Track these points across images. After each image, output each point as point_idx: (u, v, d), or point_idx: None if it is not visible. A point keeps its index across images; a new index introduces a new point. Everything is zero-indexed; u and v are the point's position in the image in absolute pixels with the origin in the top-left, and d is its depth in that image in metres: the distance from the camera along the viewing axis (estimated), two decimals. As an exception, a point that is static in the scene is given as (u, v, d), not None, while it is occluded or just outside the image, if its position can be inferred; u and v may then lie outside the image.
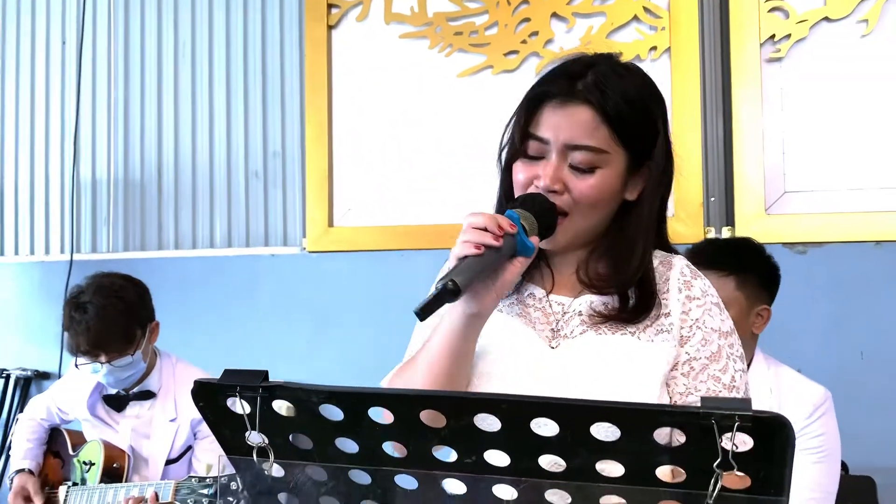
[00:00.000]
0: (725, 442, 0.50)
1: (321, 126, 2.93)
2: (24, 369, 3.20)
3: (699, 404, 0.52)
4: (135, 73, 3.21)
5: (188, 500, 1.68)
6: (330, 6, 2.92)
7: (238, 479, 1.50)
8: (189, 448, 2.02)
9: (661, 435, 0.52)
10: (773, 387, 1.69)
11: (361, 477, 0.64)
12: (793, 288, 2.46)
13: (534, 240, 0.94)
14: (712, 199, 2.61)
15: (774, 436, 0.51)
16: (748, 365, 1.71)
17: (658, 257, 1.06)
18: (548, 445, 0.54)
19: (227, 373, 0.63)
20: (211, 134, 3.12)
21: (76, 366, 1.99)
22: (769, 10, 2.54)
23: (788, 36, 2.53)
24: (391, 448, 0.61)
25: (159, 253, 3.15)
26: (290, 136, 3.02)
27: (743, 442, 0.51)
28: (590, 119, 0.99)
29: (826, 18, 2.50)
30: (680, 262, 1.06)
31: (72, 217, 3.22)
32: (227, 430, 0.64)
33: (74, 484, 1.98)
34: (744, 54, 2.56)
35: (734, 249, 1.78)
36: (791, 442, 0.51)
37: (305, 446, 0.64)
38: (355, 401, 0.59)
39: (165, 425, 1.99)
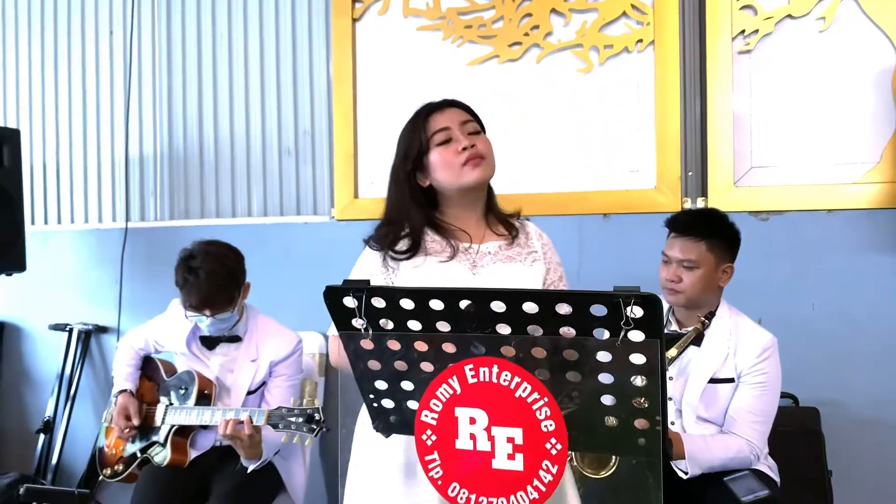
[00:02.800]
0: (628, 310, 0.90)
1: (347, 108, 3.26)
2: (84, 324, 3.56)
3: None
4: (177, 61, 3.53)
5: (279, 425, 2.01)
6: (354, 1, 3.24)
7: (319, 412, 1.91)
8: (264, 384, 2.38)
9: (596, 309, 0.91)
10: (732, 330, 2.06)
11: (421, 346, 1.04)
12: (757, 250, 2.84)
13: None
14: (690, 173, 2.93)
15: (654, 306, 0.90)
16: (714, 312, 2.10)
17: (517, 220, 1.69)
18: (530, 319, 0.94)
19: (345, 282, 1.03)
20: (247, 115, 3.44)
21: (186, 317, 2.32)
22: (740, 8, 2.86)
23: (756, 31, 2.85)
24: (443, 326, 1.01)
25: (202, 221, 3.47)
26: (318, 117, 3.34)
27: (637, 310, 0.91)
28: (461, 111, 1.69)
29: (789, 16, 2.82)
30: (531, 224, 1.69)
31: (125, 189, 3.59)
32: (343, 317, 1.04)
33: (170, 404, 2.36)
34: (718, 47, 2.88)
35: (705, 219, 2.13)
36: (660, 309, 0.91)
37: (388, 328, 1.04)
38: (420, 295, 0.99)
39: (248, 364, 2.35)
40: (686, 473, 1.92)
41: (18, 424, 3.66)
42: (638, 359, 0.92)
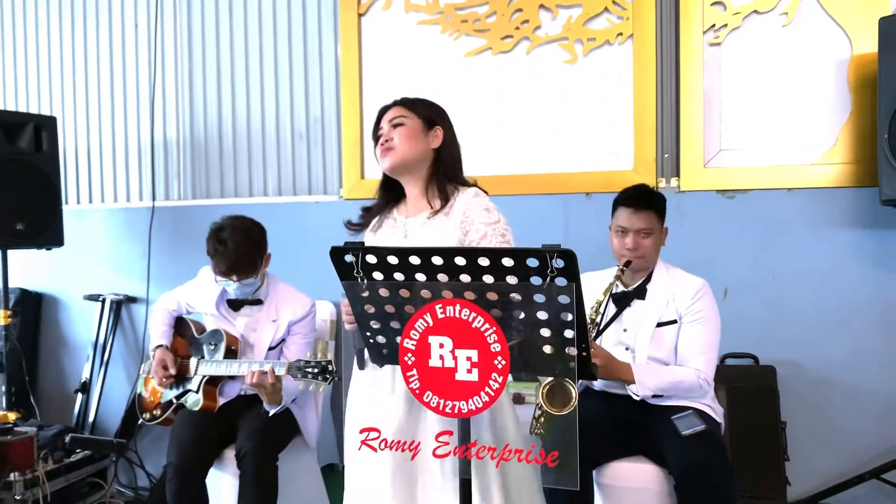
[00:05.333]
0: (553, 262, 1.20)
1: (354, 96, 3.55)
2: (116, 294, 3.89)
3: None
4: (198, 54, 3.82)
5: (297, 375, 2.32)
6: (360, -3, 3.53)
7: (332, 363, 2.23)
8: (282, 341, 2.70)
9: (531, 262, 1.22)
10: (669, 280, 2.38)
11: (404, 292, 1.36)
12: (724, 225, 3.13)
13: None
14: (665, 155, 3.20)
15: (571, 259, 1.21)
16: (652, 270, 2.41)
17: (459, 191, 1.96)
18: (484, 270, 1.26)
19: (346, 243, 1.35)
20: (262, 103, 3.73)
21: (216, 281, 2.64)
22: (711, 4, 3.11)
23: (726, 25, 3.11)
24: (420, 276, 1.33)
25: (222, 200, 3.76)
26: (328, 104, 3.63)
27: (559, 263, 1.21)
28: (398, 108, 1.98)
29: (755, 11, 3.07)
30: (469, 192, 1.95)
31: (151, 171, 3.90)
32: (345, 271, 1.36)
33: (202, 357, 2.68)
34: (691, 40, 3.13)
35: (650, 193, 2.43)
36: (575, 260, 1.22)
37: (379, 278, 1.36)
38: (403, 252, 1.30)
39: (269, 324, 2.67)
40: (637, 396, 2.23)
41: (58, 386, 4.01)
42: (563, 299, 1.23)
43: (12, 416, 3.28)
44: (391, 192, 1.99)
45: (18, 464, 2.98)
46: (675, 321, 2.31)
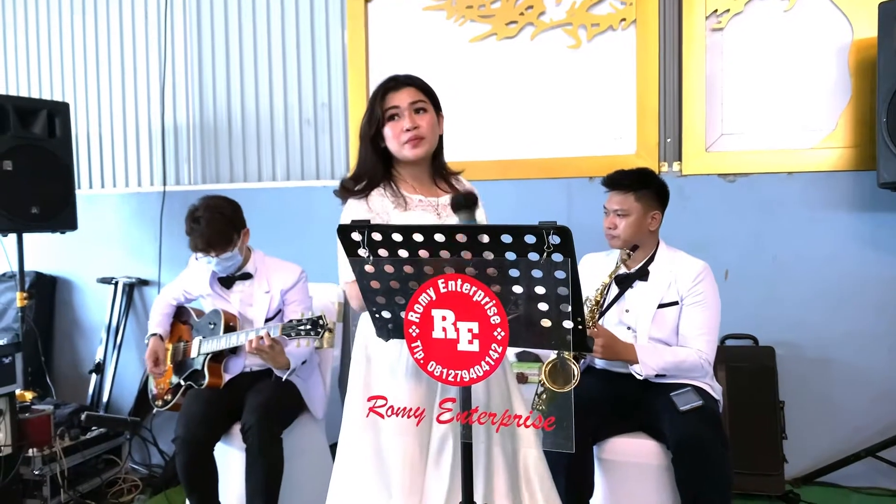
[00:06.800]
0: (549, 238, 1.26)
1: (360, 82, 3.60)
2: (128, 277, 3.97)
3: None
4: (207, 41, 3.87)
5: (291, 334, 2.40)
6: (366, -16, 3.57)
7: (323, 318, 2.30)
8: (280, 311, 2.77)
9: (529, 238, 1.29)
10: (670, 262, 2.43)
11: (408, 268, 1.42)
12: (725, 209, 3.18)
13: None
14: (668, 140, 3.24)
15: (567, 235, 1.27)
16: (654, 252, 2.46)
17: (455, 178, 2.01)
18: (484, 246, 1.32)
19: (352, 221, 1.41)
20: (271, 89, 3.78)
21: (196, 258, 2.74)
22: (714, -11, 3.17)
23: (728, 10, 3.14)
24: (423, 253, 1.39)
25: (231, 185, 3.83)
26: (335, 90, 3.68)
27: (555, 239, 1.27)
28: (414, 90, 1.90)
29: None
30: (465, 181, 2.03)
31: (162, 157, 3.97)
32: (351, 247, 1.42)
33: (203, 338, 2.75)
34: (693, 25, 3.17)
35: (633, 175, 2.46)
36: (570, 236, 1.27)
37: (384, 254, 1.43)
38: (407, 230, 1.37)
39: (262, 296, 2.75)
40: (640, 375, 2.30)
41: (72, 366, 4.10)
42: (560, 274, 1.29)
43: (29, 395, 3.37)
44: (384, 165, 1.93)
45: (36, 440, 3.07)
46: (676, 302, 2.36)
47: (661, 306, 2.36)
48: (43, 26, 4.19)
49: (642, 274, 2.43)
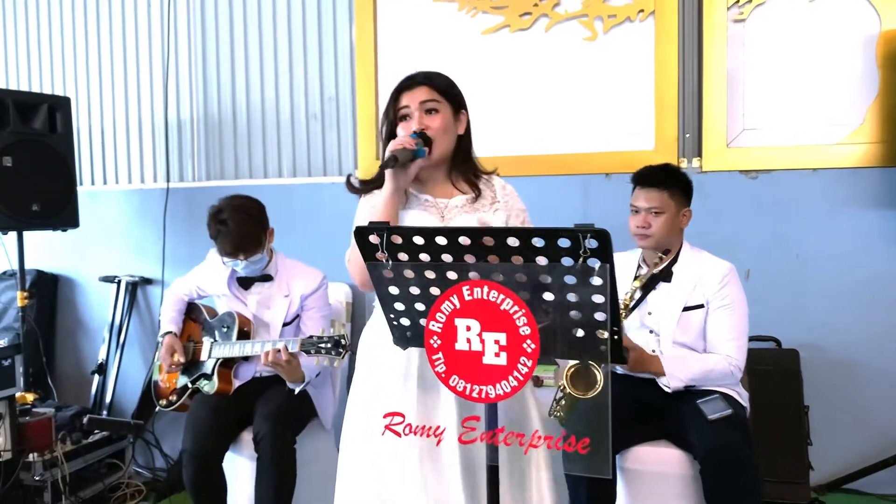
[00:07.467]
0: (586, 242, 1.17)
1: (369, 76, 3.50)
2: (131, 276, 3.88)
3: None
4: (211, 33, 3.77)
5: (310, 351, 2.29)
6: (375, -26, 3.46)
7: (346, 337, 2.21)
8: (297, 317, 2.68)
9: (562, 242, 1.19)
10: (695, 264, 2.33)
11: (430, 274, 1.32)
12: (746, 206, 3.08)
13: (426, 150, 1.77)
14: (687, 135, 3.14)
15: (606, 238, 1.18)
16: (678, 252, 2.36)
17: (484, 178, 1.91)
18: (513, 251, 1.22)
19: (370, 223, 1.32)
20: (276, 83, 3.68)
21: (223, 263, 2.62)
22: (736, -21, 3.06)
23: (750, 0, 3.04)
24: (445, 257, 1.29)
25: (236, 182, 3.73)
26: (342, 84, 3.58)
27: (593, 242, 1.18)
28: (427, 90, 1.82)
29: None
30: (497, 178, 1.94)
31: (165, 152, 3.87)
32: (369, 251, 1.33)
33: (215, 341, 2.65)
34: (714, 16, 3.06)
35: (664, 172, 2.37)
36: (609, 240, 1.18)
37: (404, 259, 1.33)
38: (429, 232, 1.27)
39: (281, 299, 2.65)
40: (669, 388, 2.20)
41: (75, 367, 4.02)
42: (596, 281, 1.19)
43: (30, 396, 3.28)
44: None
45: (37, 444, 2.98)
46: (701, 305, 2.26)
47: (685, 309, 2.26)
48: (44, 18, 4.10)
49: (666, 275, 2.33)
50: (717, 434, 2.03)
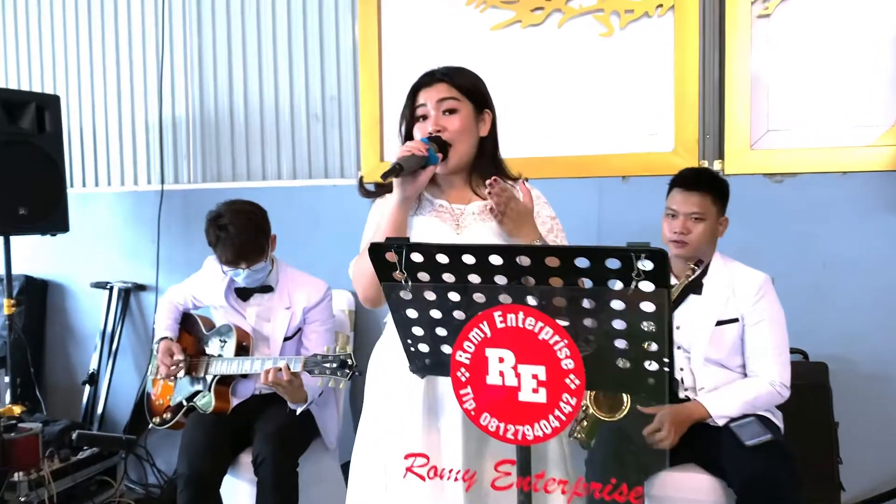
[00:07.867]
0: (639, 263, 1.01)
1: (373, 74, 3.36)
2: (124, 282, 3.74)
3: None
4: (207, 30, 3.62)
5: (314, 371, 2.16)
6: (379, -32, 3.32)
7: (352, 357, 2.06)
8: (299, 330, 2.53)
9: (611, 262, 1.03)
10: (728, 275, 2.19)
11: (454, 296, 1.17)
12: (771, 211, 2.93)
13: (438, 156, 1.62)
14: (707, 136, 3.00)
15: (663, 259, 1.02)
16: (702, 260, 2.22)
17: (510, 183, 1.75)
18: (552, 271, 1.06)
19: (388, 239, 1.16)
20: (276, 81, 3.54)
21: (223, 272, 2.47)
22: (760, -28, 2.91)
23: (776, -5, 2.91)
24: (473, 278, 1.14)
25: (233, 184, 3.59)
26: (345, 83, 3.43)
27: (647, 263, 1.02)
28: (446, 87, 1.70)
29: None
30: (526, 184, 1.76)
31: (160, 153, 3.72)
32: (385, 270, 1.17)
33: (212, 356, 2.49)
34: (737, 11, 2.92)
35: (706, 175, 2.24)
36: (667, 261, 1.02)
37: (425, 279, 1.17)
38: (454, 250, 1.11)
39: (283, 312, 2.49)
40: (720, 423, 2.06)
41: (65, 377, 3.87)
42: (647, 307, 1.04)
43: (17, 409, 3.14)
44: None
45: (23, 463, 2.83)
46: (735, 319, 2.12)
47: (719, 324, 2.11)
48: (32, 13, 3.95)
49: (696, 287, 2.17)
50: (757, 462, 1.88)
